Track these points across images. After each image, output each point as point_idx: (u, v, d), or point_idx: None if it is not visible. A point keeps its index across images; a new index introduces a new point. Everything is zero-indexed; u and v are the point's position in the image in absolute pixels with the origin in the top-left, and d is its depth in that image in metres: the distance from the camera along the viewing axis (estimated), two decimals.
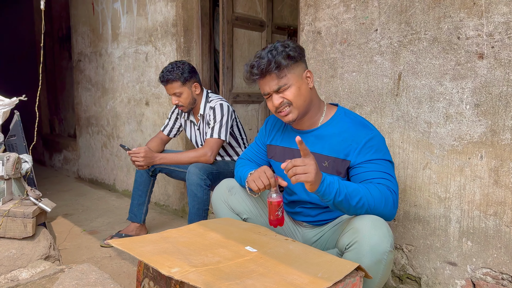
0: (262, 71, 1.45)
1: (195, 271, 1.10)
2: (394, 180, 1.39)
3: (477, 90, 1.50)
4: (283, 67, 1.44)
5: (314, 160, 1.25)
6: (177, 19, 2.98)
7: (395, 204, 1.35)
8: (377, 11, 1.77)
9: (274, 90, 1.47)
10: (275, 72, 1.44)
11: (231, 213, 1.70)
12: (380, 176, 1.37)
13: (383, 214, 1.33)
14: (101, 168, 4.09)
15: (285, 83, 1.46)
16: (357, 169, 1.42)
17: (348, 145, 1.45)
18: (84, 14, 4.11)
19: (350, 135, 1.46)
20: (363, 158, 1.42)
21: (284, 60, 1.44)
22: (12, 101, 2.11)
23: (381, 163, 1.40)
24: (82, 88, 4.31)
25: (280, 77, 1.45)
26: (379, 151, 1.42)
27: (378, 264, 1.25)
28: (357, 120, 1.51)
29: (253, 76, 1.48)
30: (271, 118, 1.75)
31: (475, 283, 1.56)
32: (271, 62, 1.43)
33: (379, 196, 1.32)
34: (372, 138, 1.43)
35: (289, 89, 1.46)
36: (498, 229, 1.49)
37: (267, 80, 1.47)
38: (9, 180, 1.85)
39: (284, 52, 1.44)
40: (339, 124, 1.51)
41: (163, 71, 2.36)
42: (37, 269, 1.62)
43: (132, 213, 2.58)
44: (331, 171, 1.48)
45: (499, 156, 1.47)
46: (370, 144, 1.42)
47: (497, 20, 1.44)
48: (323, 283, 1.07)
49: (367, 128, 1.46)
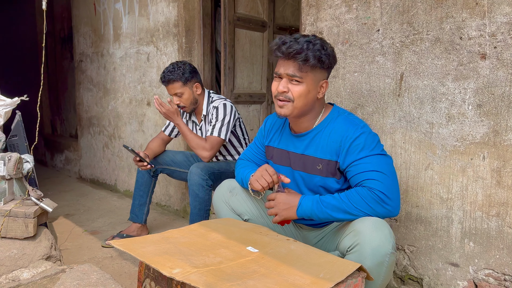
0: (289, 54, 1.40)
1: (196, 272, 1.10)
2: (382, 175, 1.35)
3: (480, 90, 1.50)
4: (309, 64, 1.39)
5: (281, 199, 1.45)
6: (179, 20, 2.98)
7: (384, 201, 1.32)
8: (379, 11, 1.76)
9: (288, 75, 1.43)
10: (300, 62, 1.40)
11: (232, 214, 1.70)
12: (365, 178, 1.36)
13: (377, 215, 1.33)
14: (102, 169, 4.10)
15: (301, 77, 1.42)
16: (349, 173, 1.42)
17: (338, 146, 1.44)
18: (86, 14, 4.11)
19: (339, 136, 1.44)
20: (350, 159, 1.41)
21: (313, 60, 1.40)
22: (14, 101, 2.11)
23: (368, 161, 1.38)
24: (83, 89, 4.31)
25: (300, 69, 1.41)
26: (366, 148, 1.39)
27: (380, 266, 1.24)
28: (347, 119, 1.48)
29: (279, 52, 1.43)
30: (269, 119, 1.74)
31: (477, 284, 1.55)
32: (302, 52, 1.39)
33: (360, 201, 1.33)
34: (359, 136, 1.40)
35: (299, 86, 1.43)
36: (500, 230, 1.48)
37: (288, 62, 1.42)
38: (10, 180, 1.85)
39: (318, 52, 1.40)
40: (330, 125, 1.49)
41: (164, 71, 2.36)
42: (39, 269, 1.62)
43: (134, 213, 2.58)
44: (325, 174, 1.48)
45: (501, 157, 1.46)
46: (356, 143, 1.40)
47: (500, 20, 1.43)
48: (325, 284, 1.07)
49: (355, 126, 1.44)
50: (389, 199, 1.33)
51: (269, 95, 3.48)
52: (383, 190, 1.33)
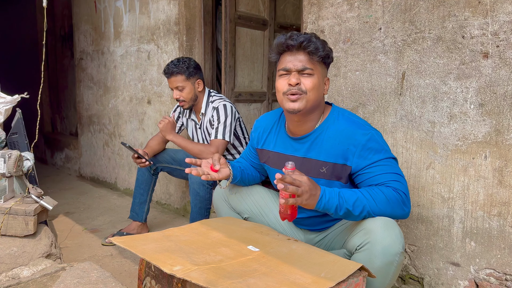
0: (299, 44, 1.36)
1: (197, 270, 1.10)
2: (401, 178, 1.35)
3: (482, 89, 1.49)
4: (318, 54, 1.37)
5: (308, 183, 1.22)
6: (180, 18, 2.97)
7: (405, 203, 1.32)
8: (381, 9, 1.76)
9: (298, 69, 1.38)
10: (310, 50, 1.36)
11: (231, 212, 1.69)
12: (387, 179, 1.33)
13: (394, 216, 1.31)
14: (102, 167, 4.09)
15: (311, 68, 1.38)
16: (363, 176, 1.37)
17: (346, 149, 1.39)
18: (86, 12, 4.10)
19: (346, 138, 1.39)
20: (365, 162, 1.36)
21: (322, 51, 1.38)
22: (14, 99, 2.11)
23: (384, 163, 1.35)
24: (84, 87, 4.30)
25: (311, 60, 1.38)
26: (380, 151, 1.36)
27: (390, 265, 1.23)
28: (351, 120, 1.44)
29: (291, 41, 1.38)
30: (261, 121, 1.67)
31: (479, 284, 1.55)
32: (311, 41, 1.36)
33: (384, 200, 1.29)
34: (370, 138, 1.37)
35: (311, 78, 1.39)
36: (502, 229, 1.48)
37: (296, 56, 1.38)
38: (10, 177, 1.85)
39: (326, 45, 1.39)
40: (333, 126, 1.44)
41: (169, 64, 2.37)
42: (39, 267, 1.61)
43: (134, 211, 2.57)
44: (329, 177, 1.43)
45: (503, 156, 1.46)
46: (369, 146, 1.36)
47: (502, 19, 1.43)
48: (326, 283, 1.06)
49: (363, 128, 1.40)
50: (408, 202, 1.33)
51: (270, 94, 3.47)
52: (405, 191, 1.33)
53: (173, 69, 2.34)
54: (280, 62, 1.44)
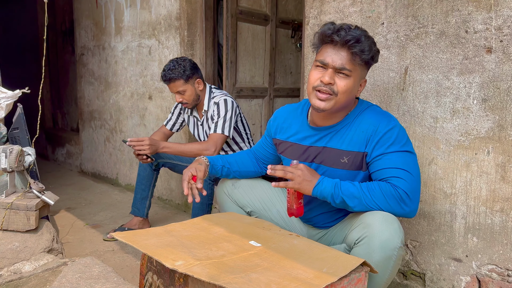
0: (346, 41, 1.28)
1: (199, 264, 1.09)
2: (408, 175, 1.31)
3: (485, 84, 1.48)
4: (363, 56, 1.30)
5: (302, 168, 1.35)
6: (181, 13, 2.96)
7: (405, 202, 1.29)
8: (384, 4, 1.74)
9: (335, 67, 1.31)
10: (354, 51, 1.29)
11: (235, 206, 1.70)
12: (390, 175, 1.31)
13: (393, 213, 1.29)
14: (104, 162, 4.09)
15: (350, 70, 1.31)
16: (373, 166, 1.36)
17: (368, 136, 1.36)
18: (88, 7, 4.09)
19: (369, 125, 1.37)
20: (379, 151, 1.34)
21: (368, 54, 1.31)
22: (15, 94, 2.10)
23: (397, 156, 1.32)
24: (85, 82, 4.30)
25: (352, 61, 1.31)
26: (397, 143, 1.33)
27: (388, 260, 1.23)
28: (376, 110, 1.42)
29: (337, 37, 1.30)
30: (281, 111, 1.65)
31: (480, 280, 1.55)
32: (359, 41, 1.29)
33: (380, 196, 1.29)
34: (392, 128, 1.34)
35: (346, 80, 1.32)
36: (504, 225, 1.48)
37: (339, 52, 1.31)
38: (12, 172, 1.85)
39: (374, 46, 1.33)
40: (359, 117, 1.41)
41: (165, 70, 2.34)
42: (40, 262, 1.62)
43: (135, 207, 2.58)
44: (349, 167, 1.40)
45: (506, 152, 1.45)
46: (388, 135, 1.33)
47: (506, 13, 1.42)
48: (328, 278, 1.06)
49: (388, 118, 1.38)
50: (410, 201, 1.29)
51: (271, 89, 3.46)
52: (406, 190, 1.29)
53: (171, 75, 2.31)
54: (320, 52, 1.37)
